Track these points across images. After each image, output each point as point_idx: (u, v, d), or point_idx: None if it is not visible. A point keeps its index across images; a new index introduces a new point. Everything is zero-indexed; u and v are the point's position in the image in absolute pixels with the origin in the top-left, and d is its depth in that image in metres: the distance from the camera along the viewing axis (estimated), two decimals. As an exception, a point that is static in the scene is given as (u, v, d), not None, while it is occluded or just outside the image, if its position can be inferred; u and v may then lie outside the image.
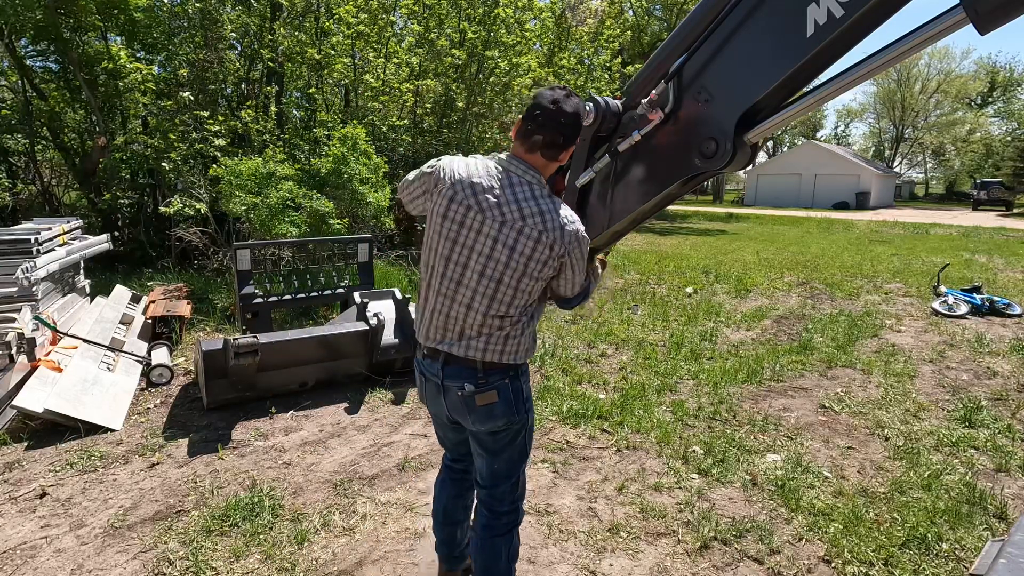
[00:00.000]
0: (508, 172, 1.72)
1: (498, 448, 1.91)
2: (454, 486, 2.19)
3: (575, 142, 1.74)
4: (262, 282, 5.52)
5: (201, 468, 3.28)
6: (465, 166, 1.74)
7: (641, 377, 4.74)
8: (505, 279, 1.70)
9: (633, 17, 25.82)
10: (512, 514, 2.00)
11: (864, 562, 2.53)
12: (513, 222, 1.67)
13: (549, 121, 1.66)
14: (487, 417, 1.81)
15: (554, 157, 1.72)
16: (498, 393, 1.78)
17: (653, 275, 9.57)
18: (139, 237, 9.65)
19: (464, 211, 1.69)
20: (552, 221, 1.68)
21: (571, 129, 1.69)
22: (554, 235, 1.68)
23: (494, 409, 1.79)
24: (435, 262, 1.77)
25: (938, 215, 28.08)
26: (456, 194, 1.70)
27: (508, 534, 1.99)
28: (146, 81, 8.85)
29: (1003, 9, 1.08)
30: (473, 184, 1.70)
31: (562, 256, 1.71)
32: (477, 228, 1.69)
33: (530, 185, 1.71)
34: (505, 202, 1.68)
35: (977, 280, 8.42)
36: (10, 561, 2.50)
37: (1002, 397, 4.47)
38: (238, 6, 10.13)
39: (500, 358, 1.77)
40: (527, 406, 1.89)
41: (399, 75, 10.81)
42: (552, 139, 1.68)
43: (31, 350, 3.88)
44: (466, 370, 1.78)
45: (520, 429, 1.90)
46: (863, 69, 1.31)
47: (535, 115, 1.68)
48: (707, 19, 1.49)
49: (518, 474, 1.98)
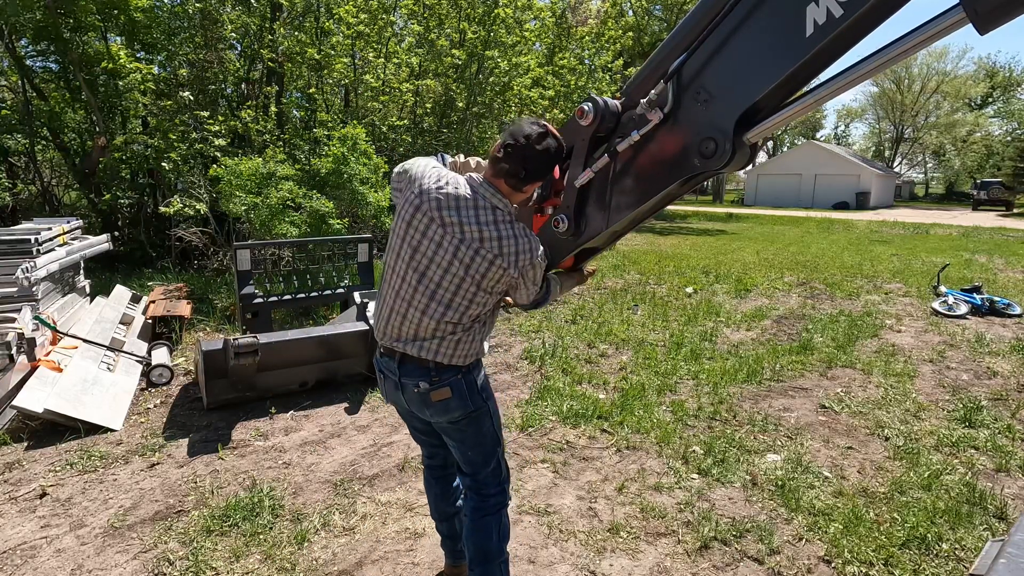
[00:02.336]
0: (476, 193, 1.78)
1: (464, 437, 1.99)
2: (437, 484, 2.26)
3: (540, 178, 1.81)
4: (262, 282, 5.52)
5: (201, 468, 3.28)
6: (437, 177, 1.80)
7: (641, 377, 4.74)
8: (461, 292, 1.78)
9: (633, 17, 25.82)
10: (499, 496, 2.08)
11: (864, 562, 2.53)
12: (471, 242, 1.75)
13: (517, 154, 1.74)
14: (444, 410, 1.90)
15: (517, 187, 1.79)
16: (451, 389, 1.86)
17: (653, 275, 9.57)
18: (139, 237, 9.65)
19: (428, 222, 1.76)
20: (508, 247, 1.76)
21: (535, 165, 1.75)
22: (508, 260, 1.76)
23: (449, 403, 1.88)
24: (396, 264, 1.85)
25: (938, 215, 28.08)
26: (422, 204, 1.77)
27: (497, 514, 2.06)
28: (146, 81, 8.86)
29: (1003, 9, 1.08)
30: (439, 198, 1.76)
31: (515, 278, 1.80)
32: (438, 241, 1.76)
33: (495, 209, 1.78)
34: (467, 222, 1.75)
35: (977, 280, 8.41)
36: (10, 561, 2.50)
37: (1002, 397, 4.46)
38: (238, 6, 10.13)
39: (451, 360, 1.84)
40: (484, 395, 1.96)
41: (399, 75, 10.82)
42: (515, 170, 1.75)
43: (31, 350, 3.88)
44: (420, 369, 1.86)
45: (481, 416, 1.96)
46: (863, 69, 1.30)
47: (507, 145, 1.76)
48: (706, 19, 1.49)
49: (496, 458, 2.06)
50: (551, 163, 1.78)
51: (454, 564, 2.36)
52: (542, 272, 1.86)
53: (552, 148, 1.76)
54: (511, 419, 3.94)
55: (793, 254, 12.61)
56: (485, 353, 1.98)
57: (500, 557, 2.06)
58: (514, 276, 1.79)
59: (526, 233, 1.81)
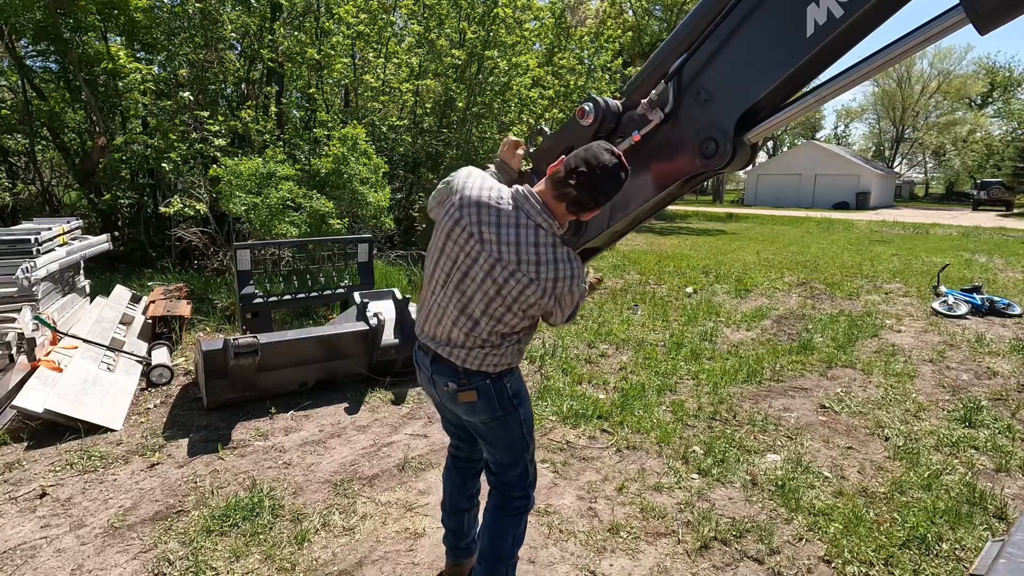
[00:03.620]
0: (519, 208, 1.71)
1: (494, 438, 2.00)
2: (458, 474, 2.27)
3: (597, 199, 1.69)
4: (262, 282, 5.52)
5: (201, 468, 3.28)
6: (479, 189, 1.74)
7: (641, 377, 4.74)
8: (490, 310, 1.75)
9: (633, 17, 25.82)
10: (523, 500, 2.08)
11: (864, 562, 2.53)
12: (507, 263, 1.69)
13: (590, 183, 1.63)
14: (471, 411, 1.92)
15: (577, 214, 1.72)
16: (478, 392, 1.86)
17: (653, 275, 9.57)
18: (139, 237, 9.65)
19: (467, 237, 1.72)
20: (546, 273, 1.69)
21: (605, 197, 1.68)
22: (544, 287, 1.70)
23: (476, 406, 1.89)
24: (435, 273, 1.84)
25: (938, 215, 28.08)
26: (462, 218, 1.72)
27: (517, 517, 2.07)
28: (146, 81, 8.85)
29: (1003, 9, 1.08)
30: (480, 212, 1.70)
31: (548, 302, 1.75)
32: (474, 257, 1.72)
33: (537, 229, 1.70)
34: (505, 241, 1.68)
35: (977, 280, 8.42)
36: (10, 561, 2.50)
37: (1002, 397, 4.47)
38: (238, 6, 10.13)
39: (480, 367, 1.84)
40: (515, 402, 1.94)
41: (399, 75, 10.81)
42: (584, 199, 1.66)
43: (31, 350, 3.88)
44: (449, 369, 1.87)
45: (509, 421, 1.95)
46: (863, 69, 1.30)
47: (579, 171, 1.63)
48: (707, 19, 1.49)
49: (524, 463, 2.05)
50: (617, 192, 1.70)
51: (455, 562, 2.34)
52: (581, 299, 1.81)
53: (623, 178, 1.67)
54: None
55: (793, 254, 12.61)
56: (517, 363, 1.95)
57: (510, 559, 2.07)
58: (549, 304, 1.75)
59: (569, 258, 1.72)
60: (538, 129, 1.98)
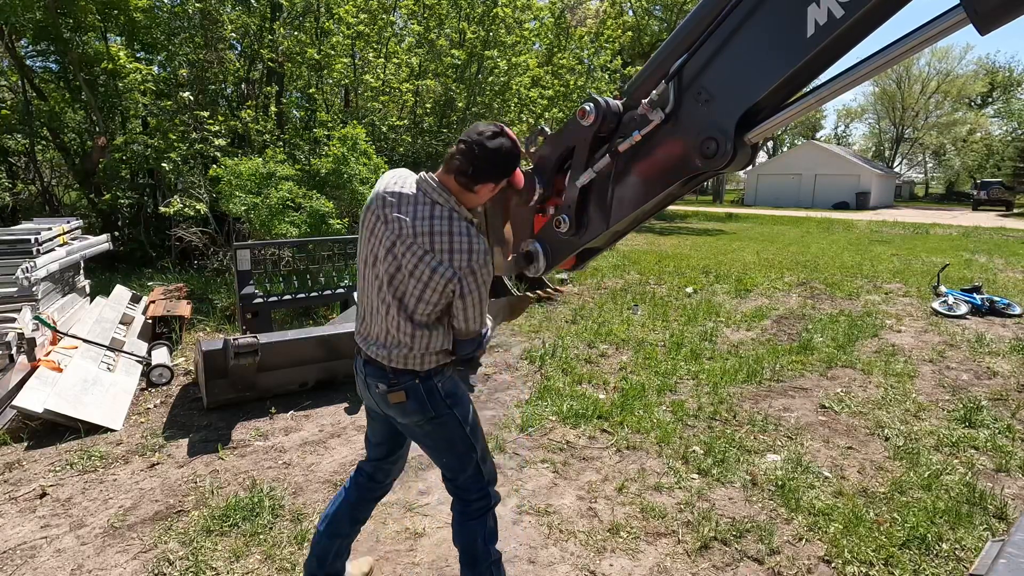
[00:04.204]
0: (420, 190, 1.78)
1: (433, 442, 2.00)
2: (355, 490, 2.16)
3: (488, 180, 1.76)
4: (262, 282, 5.52)
5: (201, 468, 3.28)
6: (391, 178, 1.82)
7: (641, 377, 4.74)
8: (408, 294, 1.77)
9: (633, 17, 25.82)
10: (482, 500, 2.05)
11: (864, 562, 2.53)
12: (406, 237, 1.73)
13: (467, 151, 1.73)
14: (402, 413, 1.91)
15: (467, 187, 1.76)
16: (407, 393, 1.86)
17: (653, 275, 9.57)
18: (139, 237, 9.66)
19: (375, 221, 1.78)
20: (439, 243, 1.72)
21: (483, 164, 1.72)
22: (440, 258, 1.71)
23: (406, 407, 1.88)
24: (363, 269, 1.88)
25: (938, 215, 28.08)
26: (372, 204, 1.80)
27: (481, 518, 2.04)
28: (146, 81, 8.86)
29: (1003, 9, 1.08)
30: (386, 196, 1.78)
31: (450, 281, 1.73)
32: (380, 238, 1.77)
33: (434, 204, 1.75)
34: (405, 216, 1.74)
35: (977, 280, 8.41)
36: (10, 561, 2.50)
37: (1002, 397, 4.47)
38: (238, 6, 10.13)
39: (405, 365, 1.84)
40: (448, 402, 1.93)
41: (399, 75, 10.82)
42: (464, 167, 1.73)
43: (31, 350, 3.88)
44: (379, 371, 1.88)
45: (445, 423, 1.93)
46: (863, 69, 1.30)
47: (459, 141, 1.75)
48: (707, 19, 1.49)
49: (474, 463, 2.02)
50: (501, 163, 1.75)
51: None
52: (486, 289, 1.78)
53: (503, 147, 1.73)
54: (511, 419, 3.94)
55: (793, 254, 12.62)
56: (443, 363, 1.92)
57: (488, 559, 2.03)
58: (447, 278, 1.72)
59: (467, 232, 1.74)
60: (538, 129, 1.98)
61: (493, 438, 3.63)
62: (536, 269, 1.98)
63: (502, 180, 1.81)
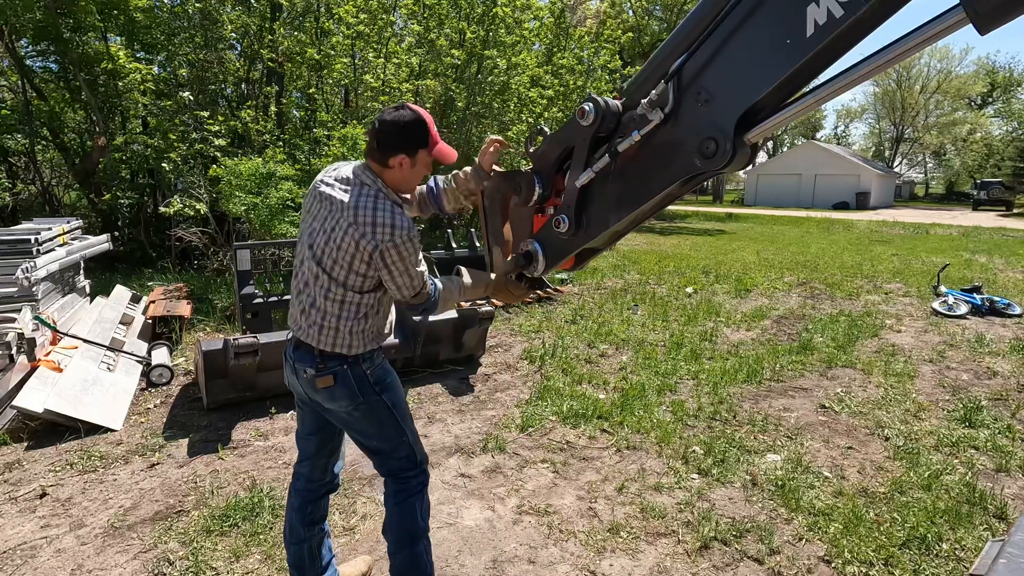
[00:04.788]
0: (352, 173, 1.87)
1: (362, 427, 2.00)
2: (296, 496, 2.14)
3: (396, 151, 1.83)
4: (262, 282, 5.52)
5: (201, 468, 3.28)
6: (330, 167, 1.94)
7: (641, 377, 4.74)
8: (325, 266, 1.82)
9: (633, 17, 25.83)
10: (419, 475, 2.08)
11: (864, 562, 2.53)
12: (332, 211, 1.82)
13: (371, 130, 1.87)
14: (330, 398, 1.92)
15: (381, 161, 1.85)
16: (335, 377, 1.88)
17: (653, 275, 9.57)
18: (139, 237, 9.66)
19: (311, 201, 1.91)
20: (363, 217, 1.77)
21: (385, 137, 1.82)
22: (362, 230, 1.76)
23: (334, 392, 1.90)
24: (298, 253, 1.94)
25: (938, 215, 28.08)
26: (312, 188, 1.92)
27: (420, 494, 2.07)
28: (146, 81, 8.86)
29: (1003, 9, 1.08)
30: (323, 179, 1.90)
31: (372, 253, 1.77)
32: (314, 214, 1.88)
33: (361, 185, 1.84)
34: (335, 195, 1.83)
35: (977, 280, 8.42)
36: (10, 561, 2.50)
37: (1002, 397, 4.47)
38: (238, 6, 10.13)
39: (333, 348, 1.87)
40: (377, 388, 1.95)
41: (399, 75, 10.80)
42: (371, 145, 1.86)
43: (31, 350, 3.88)
44: (308, 355, 1.90)
45: (376, 408, 1.96)
46: (863, 69, 1.30)
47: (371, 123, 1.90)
48: (707, 19, 1.49)
49: (404, 444, 2.04)
50: (404, 131, 1.82)
51: None
52: (412, 260, 1.81)
53: (403, 118, 1.82)
54: (511, 419, 3.94)
55: (793, 254, 12.62)
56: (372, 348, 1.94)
57: (424, 536, 2.07)
58: (368, 251, 1.76)
59: (389, 209, 1.79)
60: (538, 129, 1.97)
61: (493, 438, 3.63)
62: (535, 269, 1.98)
63: (414, 150, 1.84)
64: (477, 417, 4.00)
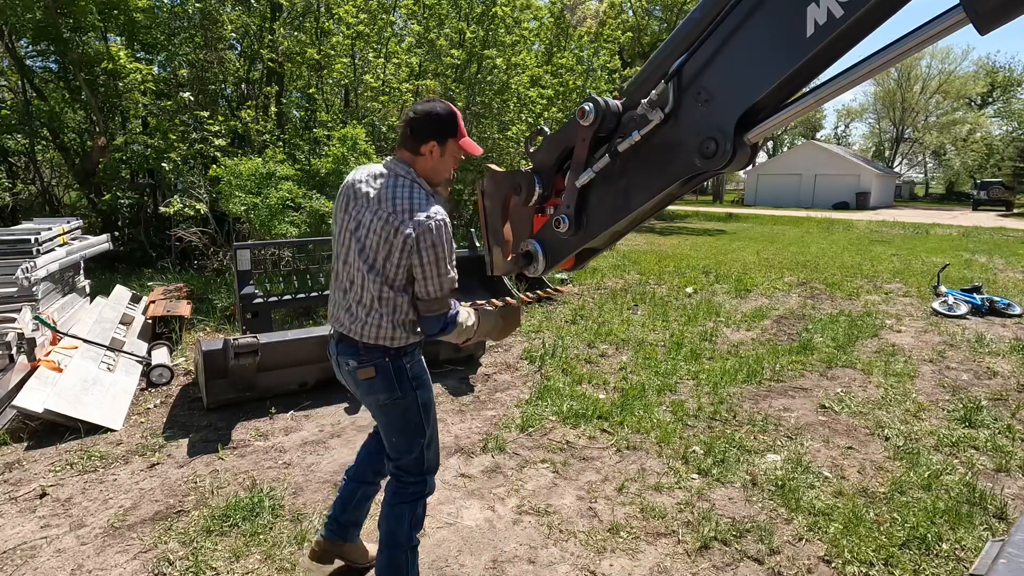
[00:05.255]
0: (387, 167, 1.98)
1: (389, 420, 2.07)
2: (375, 442, 2.33)
3: (428, 138, 1.93)
4: (262, 282, 5.52)
5: (201, 468, 3.28)
6: (362, 168, 2.03)
7: (641, 377, 4.74)
8: (369, 260, 1.91)
9: (633, 17, 25.83)
10: (419, 485, 2.14)
11: (864, 562, 2.53)
12: (370, 205, 1.92)
13: (405, 123, 1.98)
14: (369, 390, 2.01)
15: (413, 150, 1.95)
16: (376, 369, 1.97)
17: (653, 275, 9.57)
18: (139, 237, 9.66)
19: (346, 202, 1.98)
20: (401, 204, 1.88)
21: (418, 124, 1.93)
22: (402, 218, 1.86)
23: (374, 383, 1.99)
24: (336, 250, 2.03)
25: (938, 215, 28.08)
26: (345, 188, 2.00)
27: (414, 502, 2.12)
28: (146, 81, 8.86)
29: (1003, 9, 1.08)
30: (355, 181, 1.99)
31: (409, 241, 1.85)
32: (352, 213, 1.96)
33: (396, 176, 1.94)
34: (371, 190, 1.94)
35: (977, 280, 8.41)
36: (10, 561, 2.50)
37: (1002, 397, 4.47)
38: (238, 6, 10.14)
39: (376, 340, 1.95)
40: (414, 384, 2.04)
41: (399, 75, 10.81)
42: (404, 134, 1.97)
43: (31, 350, 3.88)
44: (350, 347, 2.00)
45: (408, 405, 2.04)
46: (863, 69, 1.30)
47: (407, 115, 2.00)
48: (707, 19, 1.49)
49: (420, 448, 2.11)
50: (436, 120, 1.94)
51: (324, 538, 2.36)
52: (445, 250, 1.89)
53: (435, 109, 1.94)
54: (511, 419, 3.94)
55: (793, 254, 12.62)
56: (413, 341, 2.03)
57: (408, 544, 2.12)
58: (407, 237, 1.84)
59: (425, 196, 1.91)
60: (538, 129, 1.98)
61: (493, 438, 3.63)
62: (535, 269, 1.98)
63: (444, 138, 1.95)
64: (477, 417, 4.00)
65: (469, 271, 7.26)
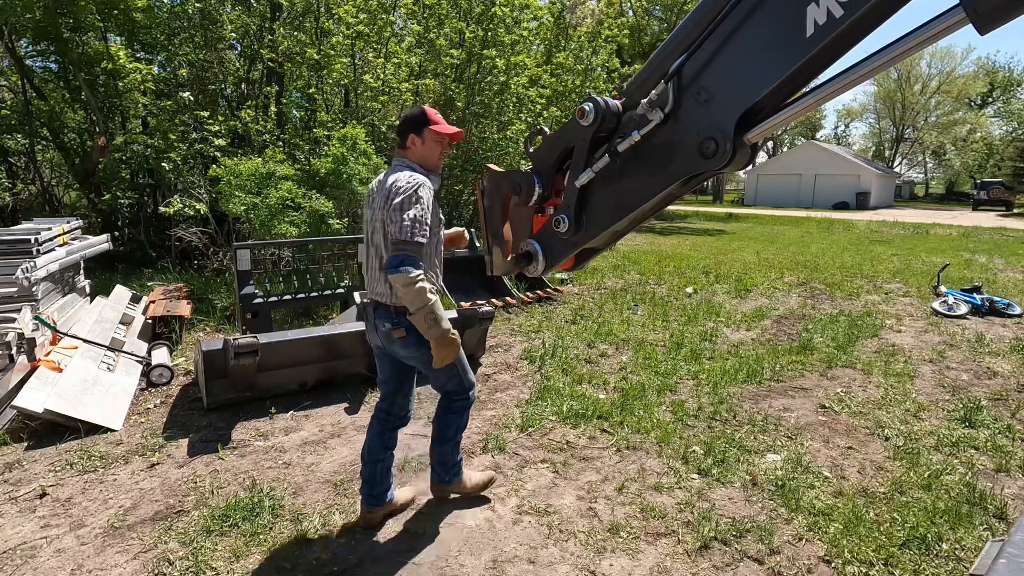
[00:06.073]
0: (390, 166, 2.51)
1: (426, 364, 2.47)
2: (379, 424, 2.70)
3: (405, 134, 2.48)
4: (262, 282, 5.52)
5: (201, 468, 3.28)
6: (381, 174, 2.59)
7: (641, 377, 4.74)
8: (377, 239, 2.44)
9: (633, 17, 25.83)
10: (463, 400, 2.72)
11: (864, 562, 2.53)
12: (375, 194, 2.44)
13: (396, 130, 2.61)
14: (403, 347, 2.48)
15: (400, 146, 2.52)
16: (406, 329, 2.41)
17: (653, 275, 9.57)
18: (139, 237, 9.66)
19: (369, 200, 2.52)
20: (390, 183, 2.35)
21: (399, 128, 2.52)
22: (388, 192, 2.33)
23: (406, 341, 2.44)
24: (364, 239, 2.56)
25: (938, 215, 28.09)
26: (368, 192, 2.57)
27: (459, 412, 2.75)
28: (146, 81, 8.86)
29: (1003, 9, 1.08)
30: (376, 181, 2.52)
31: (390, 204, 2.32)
32: (368, 201, 2.51)
33: (394, 168, 2.46)
34: (377, 183, 2.49)
35: (977, 280, 8.41)
36: (10, 561, 2.50)
37: (1002, 397, 4.47)
38: (238, 6, 10.14)
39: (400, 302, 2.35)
40: None
41: (399, 75, 10.81)
42: (397, 137, 2.58)
43: (31, 350, 3.88)
44: (384, 312, 2.47)
45: None
46: (863, 69, 1.30)
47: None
48: (707, 19, 1.49)
49: (455, 377, 2.63)
50: (408, 120, 2.48)
51: (369, 509, 2.70)
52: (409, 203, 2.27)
53: (408, 113, 2.52)
54: (511, 419, 3.94)
55: (793, 254, 12.62)
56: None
57: (454, 439, 2.79)
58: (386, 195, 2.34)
59: (408, 172, 2.39)
60: (538, 129, 1.98)
61: (493, 438, 3.63)
62: (535, 269, 1.98)
63: (420, 129, 2.45)
64: (477, 417, 4.00)
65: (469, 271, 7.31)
